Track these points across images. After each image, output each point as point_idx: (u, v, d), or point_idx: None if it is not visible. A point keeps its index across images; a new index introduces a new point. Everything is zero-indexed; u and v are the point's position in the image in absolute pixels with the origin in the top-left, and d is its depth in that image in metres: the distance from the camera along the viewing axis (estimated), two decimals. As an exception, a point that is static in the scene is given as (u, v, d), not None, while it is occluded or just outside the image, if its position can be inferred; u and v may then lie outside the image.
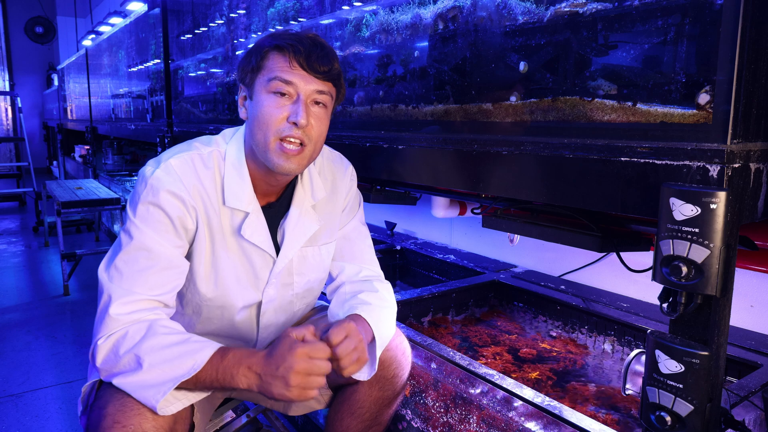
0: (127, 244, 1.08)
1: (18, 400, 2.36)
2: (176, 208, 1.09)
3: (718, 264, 0.79)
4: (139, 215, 1.09)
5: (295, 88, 1.08)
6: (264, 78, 1.10)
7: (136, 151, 6.71)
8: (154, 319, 1.05)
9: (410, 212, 2.94)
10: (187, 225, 1.12)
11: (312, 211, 1.26)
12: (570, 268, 2.14)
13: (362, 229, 1.39)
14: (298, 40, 1.09)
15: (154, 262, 1.08)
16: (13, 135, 9.56)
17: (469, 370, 1.39)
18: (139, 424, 0.99)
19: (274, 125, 1.08)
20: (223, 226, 1.16)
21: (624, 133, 0.95)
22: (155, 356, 1.00)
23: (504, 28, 1.17)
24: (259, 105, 1.10)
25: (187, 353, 1.00)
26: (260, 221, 1.19)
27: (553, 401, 1.23)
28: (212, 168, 1.15)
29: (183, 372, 0.99)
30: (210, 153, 1.16)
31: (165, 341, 1.01)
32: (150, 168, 1.12)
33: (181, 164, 1.12)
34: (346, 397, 1.28)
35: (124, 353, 1.01)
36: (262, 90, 1.10)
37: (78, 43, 9.36)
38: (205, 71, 2.88)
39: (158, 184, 1.09)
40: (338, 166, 1.33)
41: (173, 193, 1.09)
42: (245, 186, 1.16)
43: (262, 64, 1.11)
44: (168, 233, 1.10)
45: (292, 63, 1.08)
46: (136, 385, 1.00)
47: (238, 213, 1.17)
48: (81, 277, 4.14)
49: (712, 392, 0.84)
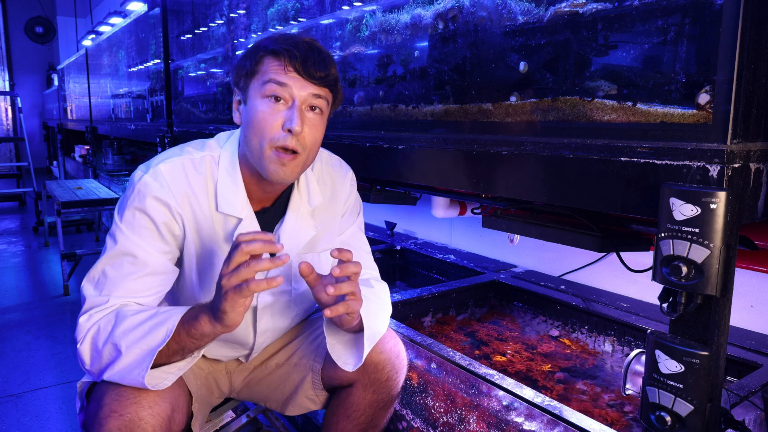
0: (112, 248, 1.08)
1: (18, 400, 2.36)
2: (162, 214, 1.09)
3: (718, 264, 0.79)
4: (125, 220, 1.09)
5: (290, 93, 1.06)
6: (258, 82, 1.08)
7: (136, 151, 6.70)
8: (119, 308, 1.05)
9: (410, 212, 2.94)
10: (174, 231, 1.12)
11: (309, 218, 1.24)
12: (570, 268, 2.14)
13: (361, 235, 1.38)
14: (294, 45, 1.06)
15: (138, 267, 1.07)
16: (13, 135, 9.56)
17: (469, 370, 1.39)
18: (136, 412, 0.99)
19: (268, 132, 1.06)
20: (216, 232, 1.15)
21: (624, 133, 0.95)
22: (129, 337, 1.00)
23: (504, 27, 1.17)
24: (253, 110, 1.08)
25: (158, 324, 1.00)
26: (254, 227, 1.17)
27: (553, 401, 1.23)
28: (204, 173, 1.14)
29: (158, 341, 0.98)
30: (202, 158, 1.15)
31: (135, 321, 1.01)
32: (139, 173, 1.11)
33: (171, 169, 1.11)
34: (341, 400, 1.28)
35: (102, 346, 1.01)
36: (257, 94, 1.08)
37: (78, 43, 9.36)
38: (205, 71, 2.88)
39: (145, 190, 1.08)
40: (338, 171, 1.32)
41: (159, 199, 1.08)
42: (238, 191, 1.15)
43: (256, 69, 1.08)
44: (153, 239, 1.09)
45: (287, 67, 1.05)
46: (122, 371, 1.00)
47: (231, 219, 1.16)
48: (81, 277, 4.11)
49: (712, 392, 0.84)
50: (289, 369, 1.36)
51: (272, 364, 1.38)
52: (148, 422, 0.99)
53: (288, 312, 1.31)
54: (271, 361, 1.39)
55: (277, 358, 1.38)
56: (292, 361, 1.36)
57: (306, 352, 1.35)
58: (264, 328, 1.28)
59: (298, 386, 1.34)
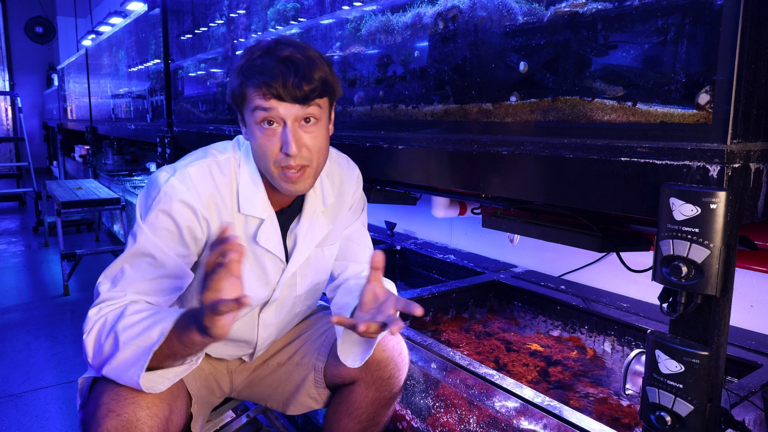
0: (131, 247, 1.08)
1: (18, 400, 2.36)
2: (187, 218, 1.09)
3: (718, 264, 0.79)
4: (148, 221, 1.08)
5: (279, 115, 1.04)
6: (248, 109, 1.07)
7: (136, 151, 6.71)
8: (128, 302, 1.05)
9: (410, 212, 2.94)
10: (197, 235, 1.11)
11: (322, 216, 1.26)
12: (570, 268, 2.14)
13: (364, 231, 1.40)
14: (270, 68, 1.01)
15: (155, 269, 1.07)
16: (13, 135, 9.57)
17: (469, 370, 1.39)
18: (134, 413, 0.98)
19: (270, 156, 1.07)
20: (238, 234, 1.15)
21: (624, 133, 0.95)
22: (128, 332, 0.99)
23: (504, 27, 1.17)
24: (253, 136, 1.08)
25: (155, 322, 0.99)
26: (275, 227, 1.18)
27: (553, 401, 1.23)
28: (228, 174, 1.14)
29: (153, 341, 0.97)
30: (227, 160, 1.16)
31: (136, 317, 1.01)
32: (165, 174, 1.10)
33: (198, 172, 1.11)
34: (343, 398, 1.28)
35: (105, 338, 1.01)
36: (251, 122, 1.07)
37: (78, 43, 9.36)
38: (205, 71, 2.88)
39: (172, 192, 1.08)
40: (345, 169, 1.34)
41: (186, 203, 1.08)
42: (260, 193, 1.16)
43: (243, 95, 1.07)
44: (174, 242, 1.09)
45: (267, 96, 1.03)
46: (119, 368, 0.99)
47: (252, 220, 1.17)
48: (81, 277, 4.14)
49: (712, 392, 0.84)
50: (291, 368, 1.37)
51: (274, 363, 1.39)
52: (145, 423, 0.99)
53: (292, 309, 1.32)
54: (272, 360, 1.39)
55: (279, 357, 1.39)
56: (294, 359, 1.37)
57: (308, 351, 1.36)
58: (267, 323, 1.29)
59: (299, 385, 1.35)
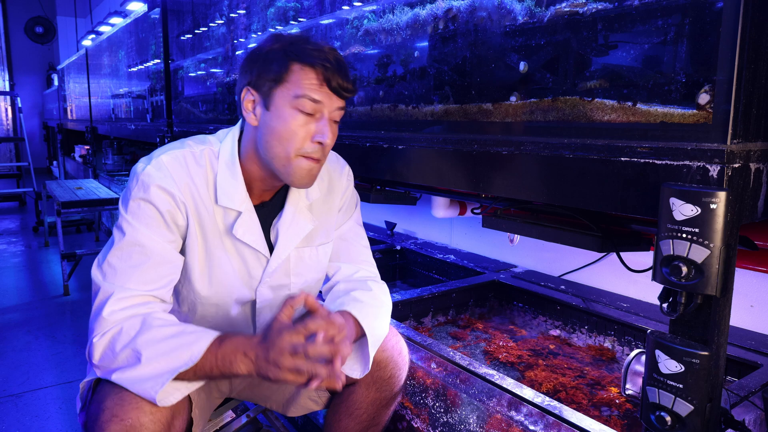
0: (120, 240, 1.08)
1: (18, 400, 2.36)
2: (166, 203, 1.10)
3: (718, 264, 0.79)
4: (130, 211, 1.09)
5: (322, 108, 1.08)
6: (289, 93, 1.07)
7: (136, 151, 6.70)
8: (147, 313, 1.05)
9: (410, 212, 2.94)
10: (178, 220, 1.12)
11: (307, 212, 1.25)
12: (570, 268, 2.14)
13: (359, 230, 1.39)
14: (326, 58, 1.06)
15: (147, 257, 1.08)
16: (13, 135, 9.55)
17: (469, 370, 1.39)
18: (137, 418, 0.99)
19: (299, 143, 1.08)
20: (217, 224, 1.16)
21: (624, 133, 0.95)
22: (152, 349, 0.99)
23: (504, 28, 1.17)
24: (282, 120, 1.08)
25: (184, 345, 1.00)
26: (253, 221, 1.18)
27: (553, 401, 1.23)
28: (204, 166, 1.15)
29: (181, 363, 0.99)
30: (202, 151, 1.16)
31: (161, 334, 1.01)
32: (141, 165, 1.12)
33: (172, 161, 1.12)
34: (343, 398, 1.28)
35: (120, 349, 1.01)
36: (286, 104, 1.07)
37: (78, 43, 9.36)
38: (205, 71, 2.88)
39: (148, 180, 1.09)
40: (334, 166, 1.33)
41: (163, 188, 1.09)
42: (238, 185, 1.16)
43: (286, 77, 1.07)
44: (159, 228, 1.10)
45: (322, 83, 1.06)
46: (135, 379, 1.00)
47: (230, 212, 1.17)
48: (81, 277, 4.14)
49: (712, 392, 0.84)
50: None
51: None
52: (148, 428, 0.99)
53: None
54: None
55: None
56: None
57: None
58: (264, 323, 1.28)
59: (299, 386, 1.34)
